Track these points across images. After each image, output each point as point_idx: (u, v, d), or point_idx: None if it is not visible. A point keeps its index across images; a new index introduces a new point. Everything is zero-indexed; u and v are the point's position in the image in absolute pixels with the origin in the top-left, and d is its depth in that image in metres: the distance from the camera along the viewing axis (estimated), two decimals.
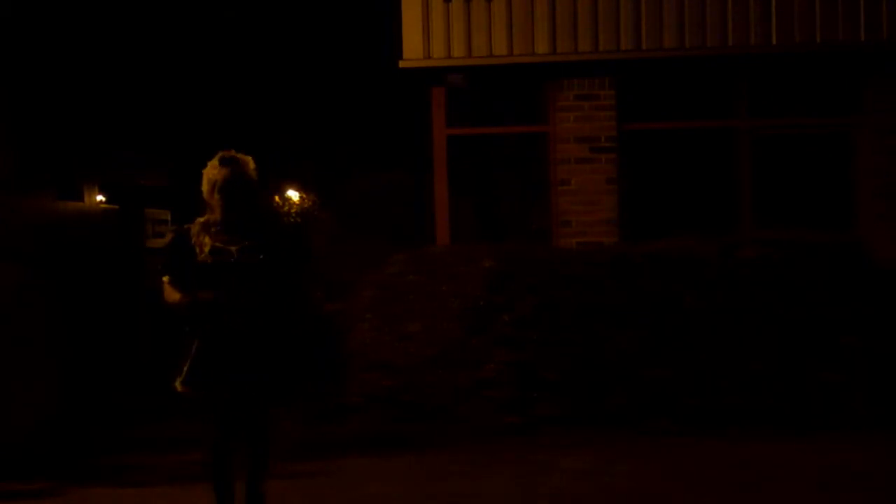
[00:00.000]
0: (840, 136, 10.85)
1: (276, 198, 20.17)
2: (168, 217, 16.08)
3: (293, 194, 20.98)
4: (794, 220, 10.05)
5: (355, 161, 18.93)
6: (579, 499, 6.33)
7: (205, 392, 4.97)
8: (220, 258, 4.92)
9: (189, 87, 18.17)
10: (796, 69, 10.76)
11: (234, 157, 5.01)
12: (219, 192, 4.94)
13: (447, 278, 8.87)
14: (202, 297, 4.85)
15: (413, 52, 10.75)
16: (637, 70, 10.74)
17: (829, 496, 6.25)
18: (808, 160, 10.82)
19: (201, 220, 5.04)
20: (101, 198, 15.63)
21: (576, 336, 8.47)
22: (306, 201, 20.58)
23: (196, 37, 18.09)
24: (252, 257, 4.94)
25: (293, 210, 20.02)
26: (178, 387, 4.98)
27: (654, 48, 10.60)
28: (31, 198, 9.59)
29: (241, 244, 4.95)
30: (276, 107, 19.48)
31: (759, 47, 10.57)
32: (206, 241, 4.95)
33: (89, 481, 6.95)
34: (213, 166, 4.99)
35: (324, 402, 8.75)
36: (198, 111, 17.98)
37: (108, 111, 16.26)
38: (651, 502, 6.29)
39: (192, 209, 5.55)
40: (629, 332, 8.44)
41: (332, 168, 19.44)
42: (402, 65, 10.79)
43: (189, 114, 17.83)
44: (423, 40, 10.72)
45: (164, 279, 5.02)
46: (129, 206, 13.41)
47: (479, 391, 8.46)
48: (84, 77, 15.64)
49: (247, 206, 4.99)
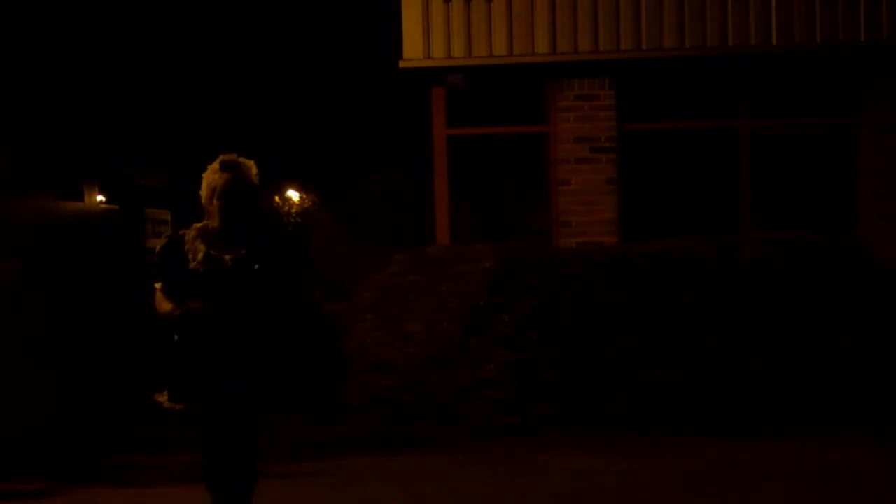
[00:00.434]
0: (840, 136, 10.85)
1: (276, 198, 20.18)
2: (168, 217, 16.11)
3: (293, 194, 20.99)
4: (794, 220, 10.04)
5: (355, 161, 18.92)
6: (579, 499, 6.33)
7: (196, 405, 4.70)
8: (213, 266, 4.63)
9: (189, 87, 18.17)
10: (796, 69, 10.76)
11: (236, 162, 4.70)
12: (218, 198, 4.64)
13: (447, 278, 8.86)
14: (192, 308, 4.59)
15: (413, 52, 10.75)
16: (637, 70, 10.74)
17: (829, 496, 6.25)
18: (808, 160, 10.81)
19: (198, 225, 4.75)
20: (101, 198, 15.66)
21: (576, 336, 8.48)
22: (306, 201, 20.59)
23: (196, 37, 18.08)
24: (246, 266, 4.65)
25: (293, 210, 20.04)
26: (167, 402, 4.72)
27: (654, 48, 10.60)
28: (31, 198, 9.61)
29: (236, 253, 4.65)
30: (275, 106, 19.48)
31: (759, 47, 10.56)
32: (201, 249, 4.67)
33: (89, 481, 6.95)
34: (213, 170, 4.70)
35: (324, 403, 8.75)
36: (198, 111, 17.99)
37: (108, 111, 16.27)
38: (651, 502, 6.29)
39: (193, 209, 5.31)
40: (629, 332, 8.44)
41: (332, 168, 19.42)
42: (402, 65, 10.79)
43: (189, 114, 17.84)
44: (423, 40, 10.71)
45: (156, 286, 4.77)
46: (129, 206, 13.43)
47: (479, 391, 8.46)
48: (84, 77, 15.65)
49: (247, 214, 4.69)
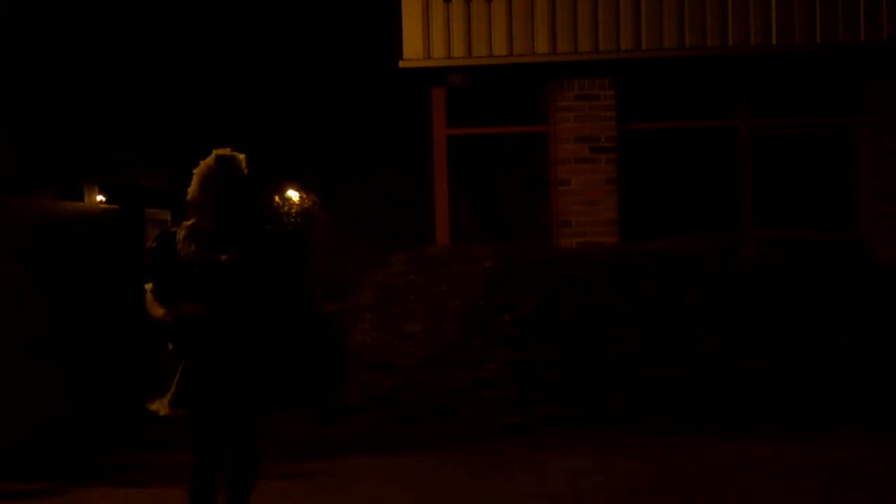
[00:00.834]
0: (840, 136, 10.85)
1: (276, 198, 20.16)
2: (168, 217, 16.12)
3: (293, 194, 20.97)
4: (794, 220, 10.04)
5: (355, 161, 18.91)
6: (579, 499, 6.33)
7: (195, 412, 4.56)
8: (207, 266, 4.51)
9: (189, 86, 18.16)
10: (796, 69, 10.76)
11: (231, 156, 4.64)
12: (211, 191, 4.54)
13: (447, 278, 8.86)
14: (187, 311, 4.45)
15: (413, 52, 10.75)
16: (637, 70, 10.73)
17: (830, 495, 6.25)
18: (808, 160, 10.81)
19: (188, 223, 4.62)
20: (101, 198, 15.66)
21: (576, 336, 8.48)
22: (306, 201, 20.57)
23: (196, 37, 18.08)
24: (242, 265, 4.53)
25: (293, 210, 20.01)
26: (163, 409, 4.55)
27: (654, 48, 10.59)
28: (31, 198, 9.61)
29: (230, 251, 4.53)
30: (275, 106, 19.47)
31: (759, 47, 10.56)
32: (193, 247, 4.54)
33: (89, 481, 6.95)
34: (205, 165, 4.61)
35: (324, 403, 8.75)
36: (198, 111, 17.97)
37: (108, 111, 16.26)
38: (651, 502, 6.29)
39: None
40: (629, 332, 8.44)
41: (332, 168, 19.41)
42: (402, 65, 10.79)
43: (189, 114, 17.82)
44: (422, 40, 10.71)
45: (146, 287, 4.60)
46: (129, 206, 13.44)
47: (479, 391, 8.46)
48: (84, 77, 15.65)
49: (242, 207, 4.60)
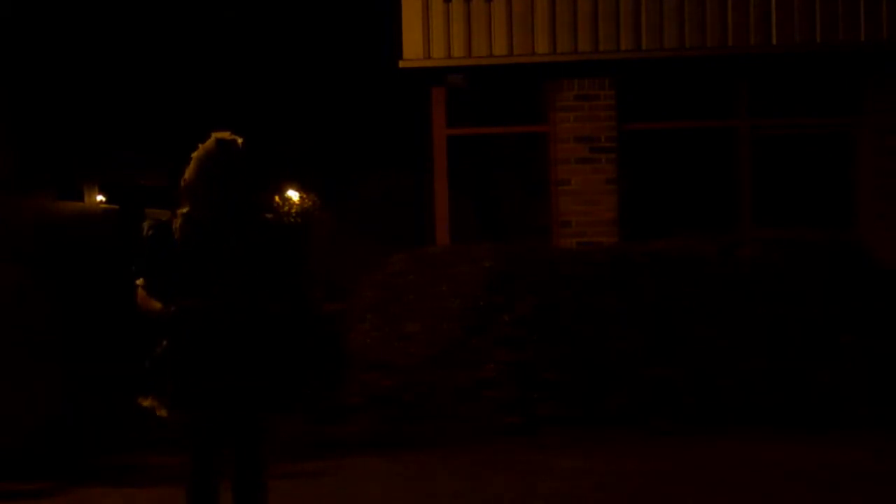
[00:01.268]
0: (840, 136, 10.85)
1: (276, 198, 20.16)
2: (168, 217, 16.07)
3: (293, 194, 20.97)
4: (794, 220, 10.05)
5: (355, 161, 18.93)
6: (579, 499, 6.33)
7: (196, 411, 4.32)
8: (206, 256, 4.25)
9: (189, 86, 18.17)
10: (796, 69, 10.76)
11: (232, 139, 4.39)
12: (210, 176, 4.29)
13: (447, 278, 8.86)
14: (187, 306, 4.20)
15: (413, 52, 10.75)
16: (637, 70, 10.74)
17: (830, 496, 6.25)
18: (808, 160, 10.82)
19: (183, 211, 4.34)
20: (101, 198, 15.64)
21: (576, 336, 8.47)
22: (306, 201, 20.57)
23: (196, 37, 18.09)
24: (242, 254, 4.27)
25: (293, 210, 20.01)
26: (162, 409, 4.30)
27: (654, 48, 10.60)
28: (31, 198, 9.59)
29: (230, 240, 4.27)
30: (275, 106, 19.48)
31: (759, 47, 10.57)
32: (190, 238, 4.27)
33: (89, 481, 6.95)
34: (204, 149, 4.36)
35: (324, 403, 8.75)
36: (198, 111, 17.98)
37: (108, 111, 16.27)
38: (651, 502, 6.29)
39: None
40: (629, 332, 8.44)
41: (332, 168, 19.43)
42: (402, 65, 10.79)
43: (189, 114, 17.82)
44: (422, 40, 10.72)
45: (137, 283, 4.29)
46: (129, 206, 13.42)
47: (479, 391, 8.45)
48: (84, 77, 15.65)
49: (240, 195, 4.33)
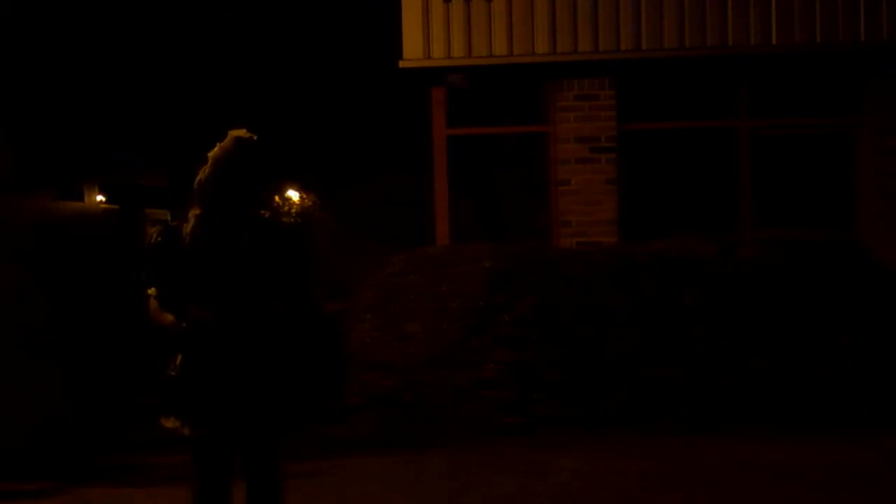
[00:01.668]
0: (840, 136, 10.85)
1: (276, 198, 20.17)
2: (168, 217, 16.10)
3: (293, 195, 20.98)
4: (794, 220, 10.05)
5: (355, 161, 18.93)
6: (579, 499, 6.33)
7: (218, 430, 4.20)
8: (217, 257, 4.12)
9: (189, 87, 18.17)
10: (796, 69, 10.76)
11: (249, 138, 4.25)
12: (227, 175, 4.15)
13: (447, 278, 8.86)
14: (198, 316, 4.07)
15: (413, 52, 10.75)
16: (637, 70, 10.74)
17: (830, 496, 6.25)
18: (808, 160, 10.82)
19: (195, 212, 4.19)
20: (101, 198, 15.66)
21: (576, 336, 8.47)
22: (306, 201, 20.58)
23: (196, 37, 18.09)
24: (253, 255, 4.14)
25: (293, 210, 20.02)
26: (185, 430, 4.26)
27: (654, 48, 10.60)
28: (31, 198, 9.61)
29: (241, 241, 4.15)
30: (275, 106, 19.48)
31: (759, 47, 10.57)
32: (201, 239, 4.13)
33: (89, 481, 6.95)
34: (222, 148, 4.22)
35: (327, 404, 8.75)
36: (198, 111, 17.98)
37: (107, 111, 16.28)
38: (651, 502, 6.29)
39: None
40: (629, 332, 8.44)
41: (332, 168, 19.43)
42: (402, 65, 10.79)
43: (189, 114, 17.83)
44: (422, 40, 10.71)
45: (149, 292, 4.16)
46: (129, 206, 13.42)
47: (479, 391, 8.45)
48: (84, 77, 15.66)
49: (253, 196, 4.22)
